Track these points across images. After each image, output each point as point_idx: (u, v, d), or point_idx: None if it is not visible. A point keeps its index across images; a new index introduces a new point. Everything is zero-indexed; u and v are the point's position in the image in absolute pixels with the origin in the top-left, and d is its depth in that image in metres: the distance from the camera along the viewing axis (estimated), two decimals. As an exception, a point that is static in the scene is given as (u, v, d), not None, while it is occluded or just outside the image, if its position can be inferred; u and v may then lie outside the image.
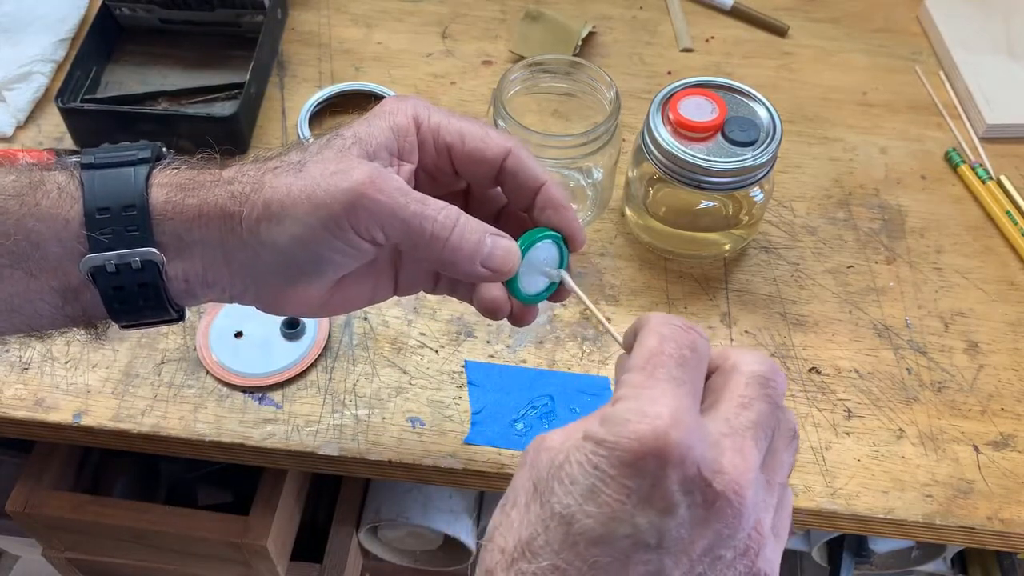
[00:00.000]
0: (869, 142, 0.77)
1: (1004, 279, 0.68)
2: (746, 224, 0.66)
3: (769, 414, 0.33)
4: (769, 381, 0.34)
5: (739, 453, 0.31)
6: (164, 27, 0.80)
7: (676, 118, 0.60)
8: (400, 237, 0.39)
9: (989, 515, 0.56)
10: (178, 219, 0.40)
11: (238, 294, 0.42)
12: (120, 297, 0.40)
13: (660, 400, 0.31)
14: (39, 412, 0.59)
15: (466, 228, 0.40)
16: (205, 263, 0.41)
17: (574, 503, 0.30)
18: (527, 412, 0.59)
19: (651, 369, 0.32)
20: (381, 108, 0.42)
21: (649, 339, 0.34)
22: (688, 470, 0.30)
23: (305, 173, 0.39)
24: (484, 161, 0.42)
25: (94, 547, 0.74)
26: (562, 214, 0.43)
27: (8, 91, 0.75)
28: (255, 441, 0.58)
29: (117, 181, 0.39)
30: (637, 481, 0.30)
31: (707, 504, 0.30)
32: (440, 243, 0.39)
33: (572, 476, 0.31)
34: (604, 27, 0.84)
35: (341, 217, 0.38)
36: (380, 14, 0.85)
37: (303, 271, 0.41)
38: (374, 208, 0.38)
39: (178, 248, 0.40)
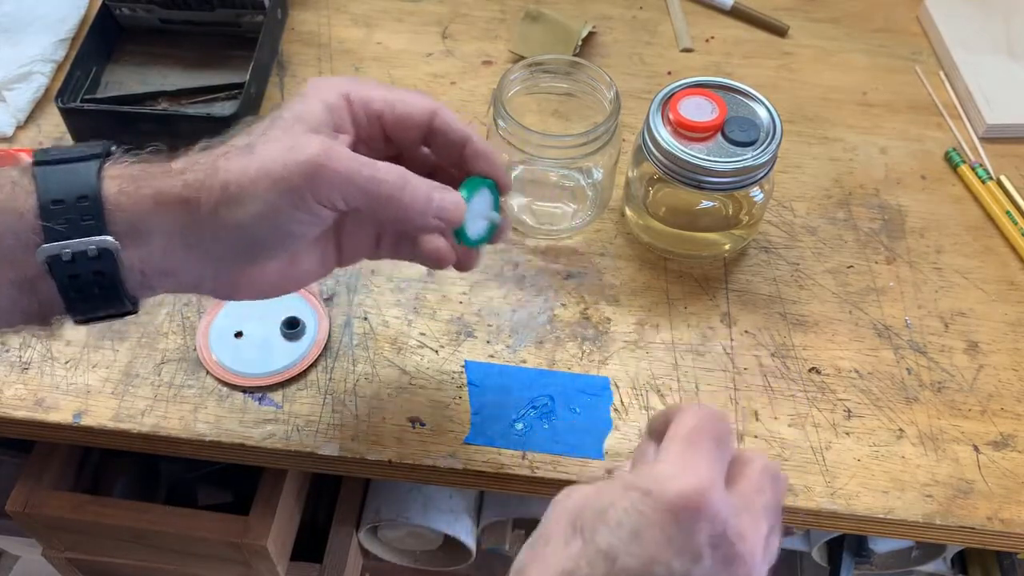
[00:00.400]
0: (869, 142, 0.77)
1: (1004, 279, 0.68)
2: (746, 224, 0.66)
3: (775, 504, 0.39)
4: (777, 478, 0.40)
5: (755, 527, 0.37)
6: (164, 27, 0.80)
7: (676, 118, 0.60)
8: (359, 201, 0.42)
9: (989, 515, 0.56)
10: (132, 209, 0.41)
11: (195, 281, 0.44)
12: (76, 286, 0.41)
13: (701, 467, 0.36)
14: (39, 412, 0.59)
15: (415, 185, 0.43)
16: (164, 250, 0.41)
17: (619, 543, 0.35)
18: (527, 412, 0.59)
19: (693, 441, 0.38)
20: (310, 87, 0.44)
21: (689, 419, 0.39)
22: (717, 528, 0.35)
23: (257, 153, 0.41)
24: (413, 123, 0.46)
25: (94, 547, 0.74)
26: (491, 160, 0.47)
27: (8, 91, 0.75)
28: (255, 441, 0.58)
29: (70, 175, 0.40)
30: (676, 529, 0.34)
31: (727, 561, 0.35)
32: (395, 201, 0.42)
33: (618, 519, 0.35)
34: (604, 27, 0.84)
35: (303, 188, 0.40)
36: (380, 14, 0.85)
37: (266, 246, 0.42)
38: (332, 177, 0.40)
39: (134, 236, 0.41)
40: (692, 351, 0.63)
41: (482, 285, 0.66)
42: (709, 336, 0.64)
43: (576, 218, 0.69)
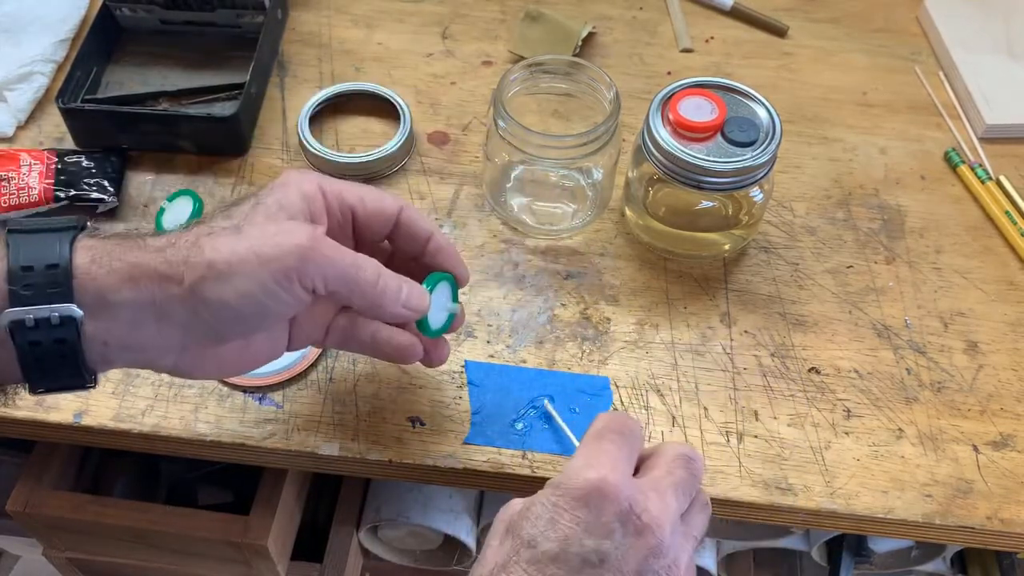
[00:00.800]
0: (869, 142, 0.77)
1: (1004, 279, 0.68)
2: (746, 224, 0.66)
3: (687, 480, 0.44)
4: (691, 460, 0.45)
5: (661, 500, 0.42)
6: (164, 27, 0.80)
7: (676, 118, 0.60)
8: (339, 286, 0.44)
9: (989, 515, 0.56)
10: (103, 280, 0.41)
11: (158, 357, 0.44)
12: (36, 354, 0.41)
13: (604, 457, 0.43)
14: (39, 412, 0.59)
15: (388, 277, 0.46)
16: (130, 324, 0.42)
17: (538, 532, 0.41)
18: (527, 412, 0.59)
19: (598, 437, 0.44)
20: (286, 179, 0.47)
21: (598, 421, 0.46)
22: (622, 505, 0.41)
23: (245, 235, 0.43)
24: (383, 217, 0.49)
25: (94, 547, 0.74)
26: (450, 257, 0.51)
27: (9, 91, 0.75)
28: (255, 441, 0.58)
29: (42, 243, 0.41)
30: (585, 512, 0.41)
31: (637, 532, 0.41)
32: (371, 289, 0.45)
33: (537, 513, 0.41)
34: (604, 27, 0.84)
35: (291, 271, 0.42)
36: (380, 14, 0.85)
37: (242, 324, 0.44)
38: (321, 262, 0.43)
39: (101, 308, 0.41)
40: (692, 351, 0.63)
41: (482, 285, 0.66)
42: (709, 336, 0.64)
43: (576, 218, 0.69)
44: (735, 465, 0.58)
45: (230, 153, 0.73)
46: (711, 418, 0.60)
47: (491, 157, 0.67)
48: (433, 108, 0.77)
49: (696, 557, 0.82)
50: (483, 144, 0.68)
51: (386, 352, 0.51)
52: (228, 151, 0.73)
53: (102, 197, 0.67)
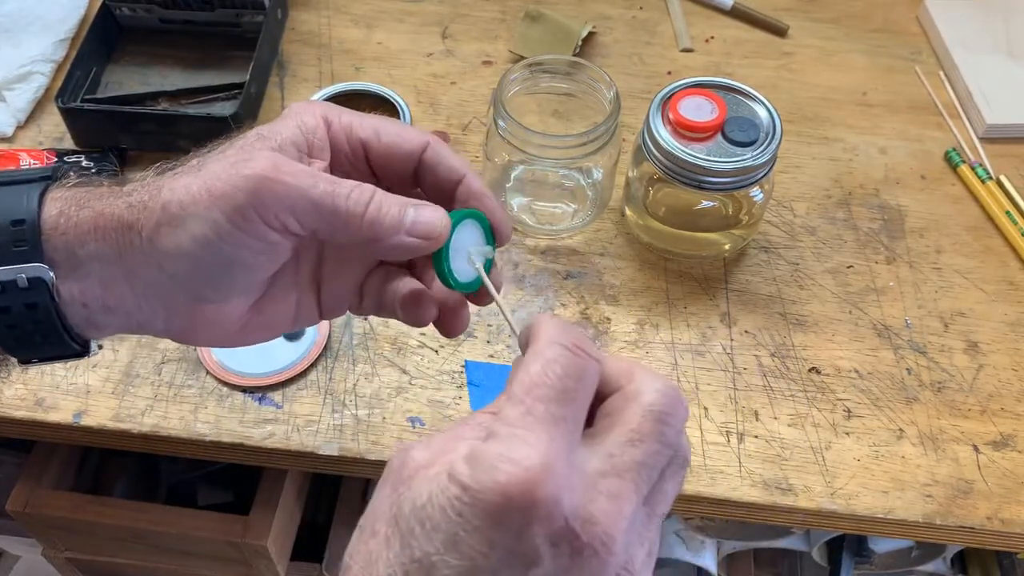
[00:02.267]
0: (869, 142, 0.77)
1: (1004, 279, 0.68)
2: (746, 224, 0.66)
3: (658, 453, 0.31)
4: (667, 417, 0.31)
5: (614, 499, 0.29)
6: (164, 27, 0.80)
7: (676, 118, 0.60)
8: (314, 220, 0.36)
9: (989, 515, 0.56)
10: (71, 233, 0.36)
11: (145, 320, 0.39)
12: (8, 321, 0.37)
13: (533, 444, 0.29)
14: (39, 412, 0.59)
15: (383, 201, 0.37)
16: (103, 282, 0.37)
17: (434, 551, 0.28)
18: (527, 412, 0.59)
19: (530, 403, 0.30)
20: (288, 110, 0.40)
21: (534, 364, 0.31)
22: (555, 523, 0.28)
23: (204, 171, 0.36)
24: (402, 154, 0.40)
25: (94, 547, 0.74)
26: (485, 203, 0.40)
27: (8, 91, 0.75)
28: (255, 441, 0.58)
29: (9, 197, 0.37)
30: (501, 534, 0.28)
31: (574, 554, 0.29)
32: (357, 219, 0.36)
33: (434, 521, 0.29)
34: (604, 27, 0.84)
35: (246, 206, 0.35)
36: (380, 14, 0.85)
37: (212, 279, 0.37)
38: (281, 191, 0.35)
39: (71, 265, 0.37)
40: (692, 351, 0.63)
41: (482, 285, 0.66)
42: (709, 336, 0.64)
43: (576, 218, 0.69)
44: (735, 465, 0.58)
45: (230, 153, 0.73)
46: (711, 418, 0.60)
47: (491, 157, 0.67)
48: (433, 108, 0.77)
49: (695, 557, 0.82)
50: (483, 144, 0.68)
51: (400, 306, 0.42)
52: (228, 151, 0.72)
53: (102, 197, 0.67)
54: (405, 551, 0.29)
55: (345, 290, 0.43)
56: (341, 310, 0.44)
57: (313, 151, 0.39)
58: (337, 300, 0.43)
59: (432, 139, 0.40)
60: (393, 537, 0.30)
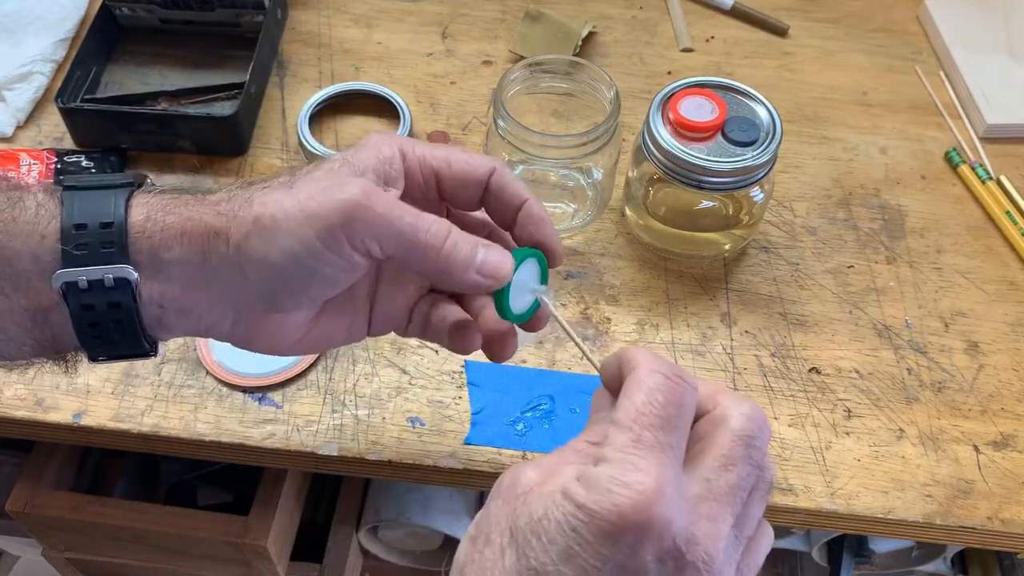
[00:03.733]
0: (869, 142, 0.77)
1: (1004, 279, 0.68)
2: (746, 224, 0.66)
3: (748, 476, 0.34)
4: (754, 440, 0.34)
5: (713, 522, 0.33)
6: (164, 27, 0.80)
7: (676, 118, 0.60)
8: (395, 248, 0.39)
9: (989, 515, 0.56)
10: (157, 237, 0.39)
11: (214, 323, 0.41)
12: (91, 318, 0.39)
13: (645, 469, 0.31)
14: (39, 412, 0.59)
15: (459, 238, 0.40)
16: (183, 285, 0.40)
17: (550, 562, 0.31)
18: (527, 412, 0.59)
19: (638, 431, 0.33)
20: (367, 140, 0.42)
21: (637, 393, 0.34)
22: (665, 543, 0.31)
23: (296, 189, 0.39)
24: (472, 181, 0.43)
25: (94, 547, 0.74)
26: (544, 229, 0.44)
27: (8, 91, 0.75)
28: (255, 441, 0.58)
29: (98, 200, 0.39)
30: (614, 550, 0.31)
31: (677, 571, 0.31)
32: (434, 252, 0.39)
33: (550, 535, 0.32)
34: (604, 27, 0.84)
35: (337, 228, 0.38)
36: (380, 14, 0.85)
37: (291, 289, 0.40)
38: (371, 219, 0.38)
39: (155, 268, 0.39)
40: (692, 351, 0.63)
41: (482, 285, 0.66)
42: (709, 336, 0.64)
43: (576, 218, 0.69)
44: (735, 465, 0.58)
45: (230, 153, 0.73)
46: (711, 418, 0.60)
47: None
48: (433, 108, 0.77)
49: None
50: (483, 144, 0.68)
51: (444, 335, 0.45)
52: (228, 151, 0.73)
53: (102, 197, 0.67)
54: (521, 560, 0.32)
55: (396, 311, 0.46)
56: (388, 330, 0.47)
57: (390, 180, 0.42)
58: (387, 320, 0.46)
59: (498, 164, 0.43)
60: (509, 547, 0.33)
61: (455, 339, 0.45)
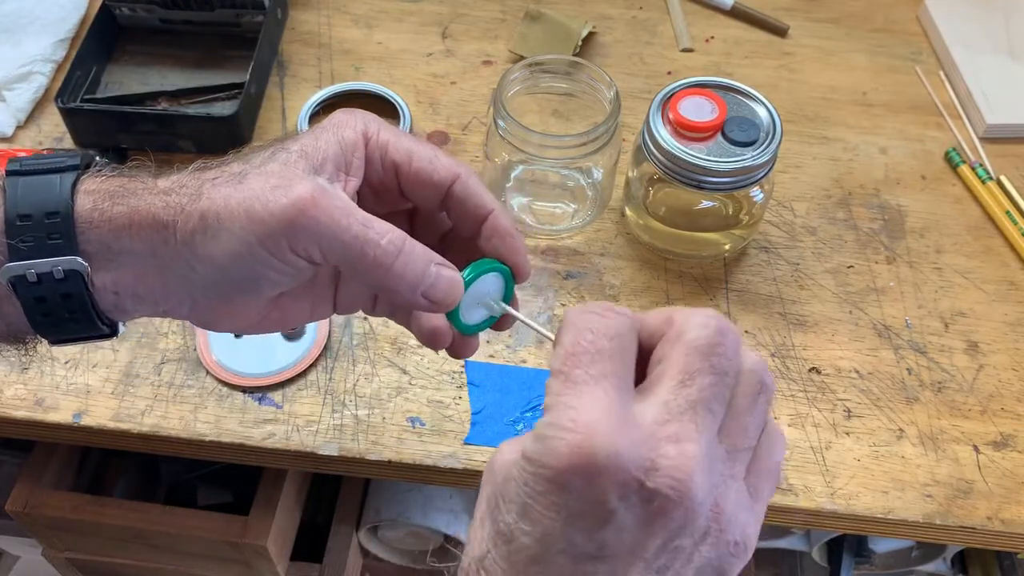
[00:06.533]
0: (869, 142, 0.77)
1: (1004, 279, 0.68)
2: (746, 224, 0.66)
3: (714, 385, 0.31)
4: (714, 347, 0.31)
5: (677, 443, 0.30)
6: (164, 27, 0.80)
7: (676, 118, 0.60)
8: (339, 259, 0.37)
9: (989, 515, 0.56)
10: (105, 227, 0.38)
11: (172, 308, 0.41)
12: (43, 309, 0.38)
13: (578, 407, 0.30)
14: (39, 412, 0.59)
15: (411, 255, 0.38)
16: (136, 274, 0.39)
17: (512, 521, 0.30)
18: (527, 412, 0.59)
19: (568, 370, 0.31)
20: (330, 121, 0.41)
21: (565, 336, 0.32)
22: (619, 475, 0.29)
23: (245, 185, 0.37)
24: (431, 184, 0.41)
25: (94, 547, 0.74)
26: (508, 244, 0.41)
27: (8, 91, 0.75)
28: (255, 441, 0.58)
29: (42, 187, 0.37)
30: (564, 497, 0.29)
31: (646, 503, 0.29)
32: (383, 269, 0.37)
33: (509, 495, 0.31)
34: (604, 27, 0.84)
35: (279, 235, 0.36)
36: (380, 14, 0.85)
37: (238, 288, 0.39)
38: (314, 227, 0.36)
39: (106, 257, 0.38)
40: (692, 351, 0.63)
41: (482, 285, 0.66)
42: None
43: (576, 218, 0.69)
44: (735, 465, 0.58)
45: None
46: (711, 418, 0.60)
47: (491, 157, 0.67)
48: (433, 108, 0.77)
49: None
50: (483, 144, 0.68)
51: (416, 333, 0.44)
52: (228, 151, 0.72)
53: (102, 197, 0.67)
54: (492, 526, 0.31)
55: (361, 294, 0.45)
56: (355, 310, 0.46)
57: (350, 169, 0.40)
58: (352, 301, 0.45)
59: (464, 172, 0.41)
60: (485, 518, 0.32)
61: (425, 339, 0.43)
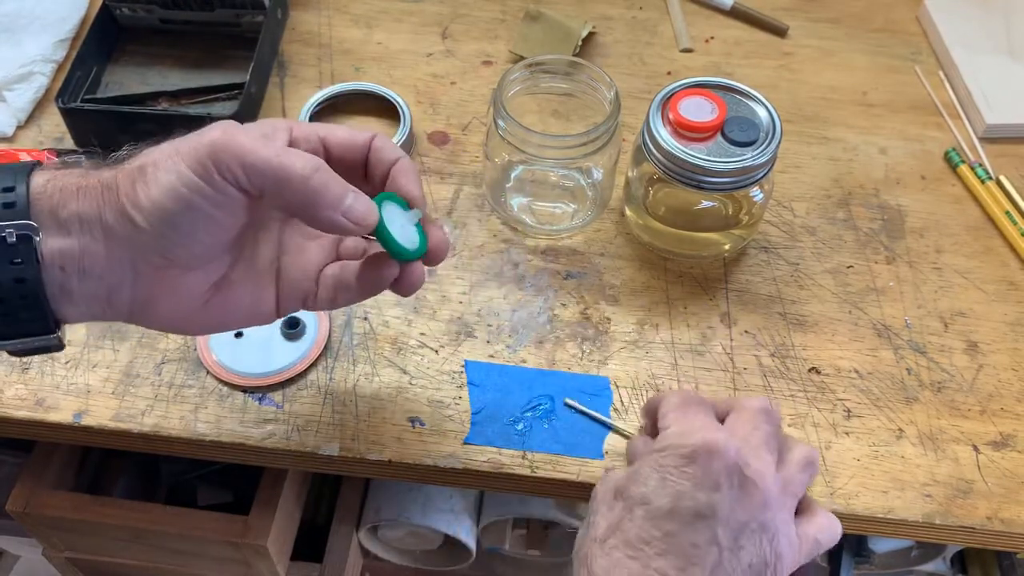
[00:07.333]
0: (869, 142, 0.77)
1: (1004, 279, 0.68)
2: (746, 224, 0.66)
3: (772, 434, 0.49)
4: (770, 413, 0.50)
5: (758, 456, 0.47)
6: (164, 27, 0.80)
7: (676, 118, 0.60)
8: (262, 179, 0.41)
9: (989, 515, 0.56)
10: (56, 196, 0.41)
11: (115, 285, 0.43)
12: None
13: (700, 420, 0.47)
14: (39, 412, 0.59)
15: (329, 176, 0.42)
16: (82, 242, 0.41)
17: (650, 491, 0.45)
18: (527, 412, 0.59)
19: (684, 407, 0.49)
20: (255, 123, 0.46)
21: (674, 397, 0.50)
22: (728, 459, 0.45)
23: (176, 141, 0.43)
24: (355, 145, 0.47)
25: (94, 547, 0.74)
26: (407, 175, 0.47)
27: (8, 91, 0.75)
28: (255, 441, 0.58)
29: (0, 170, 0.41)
30: (694, 468, 0.44)
31: (742, 486, 0.45)
32: (302, 183, 0.41)
33: (645, 476, 0.45)
34: (604, 27, 0.84)
35: (205, 158, 0.41)
36: (380, 14, 0.85)
37: (179, 232, 0.42)
38: (235, 149, 0.41)
39: (54, 225, 0.41)
40: (692, 351, 0.63)
41: (482, 285, 0.66)
42: (709, 336, 0.64)
43: (576, 218, 0.69)
44: (735, 465, 0.58)
45: (230, 153, 0.73)
46: (711, 418, 0.60)
47: (491, 157, 0.67)
48: (433, 108, 0.77)
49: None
50: (483, 144, 0.68)
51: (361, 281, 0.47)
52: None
53: (102, 197, 0.67)
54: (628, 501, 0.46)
55: (302, 280, 0.48)
56: (298, 302, 0.49)
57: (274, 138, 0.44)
58: (295, 290, 0.48)
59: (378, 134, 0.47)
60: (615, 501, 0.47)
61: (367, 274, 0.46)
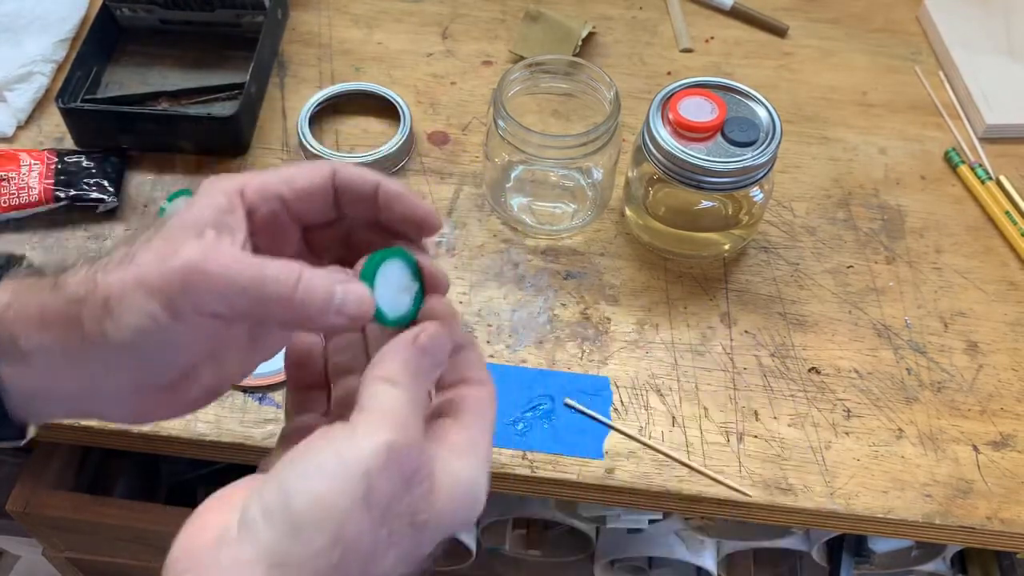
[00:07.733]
0: (869, 142, 0.77)
1: (1004, 279, 0.68)
2: (746, 224, 0.66)
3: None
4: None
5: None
6: (164, 27, 0.80)
7: (676, 118, 0.60)
8: (245, 305, 0.37)
9: (989, 515, 0.56)
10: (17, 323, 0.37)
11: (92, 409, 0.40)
12: None
13: None
14: (39, 412, 0.59)
15: (311, 282, 0.37)
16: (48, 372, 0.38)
17: None
18: (527, 412, 0.59)
19: None
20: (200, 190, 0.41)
21: None
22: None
23: (135, 263, 0.37)
24: (316, 191, 0.41)
25: (94, 547, 0.74)
26: (406, 201, 0.41)
27: (9, 91, 0.75)
28: (255, 441, 0.58)
29: None
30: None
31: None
32: (286, 302, 0.37)
33: None
34: (604, 27, 0.84)
35: (178, 298, 0.36)
36: (380, 14, 0.85)
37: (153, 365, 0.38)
38: (210, 282, 0.36)
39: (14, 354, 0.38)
40: (692, 351, 0.63)
41: (482, 285, 0.66)
42: (709, 336, 0.64)
43: (576, 218, 0.69)
44: (735, 465, 0.58)
45: (230, 153, 0.73)
46: (711, 418, 0.60)
47: (491, 157, 0.67)
48: (433, 108, 0.77)
49: (695, 556, 0.82)
50: (483, 144, 0.68)
51: None
52: (228, 151, 0.73)
53: (102, 197, 0.67)
54: None
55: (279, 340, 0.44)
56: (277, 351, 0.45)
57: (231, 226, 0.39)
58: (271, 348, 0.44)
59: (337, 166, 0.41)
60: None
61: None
